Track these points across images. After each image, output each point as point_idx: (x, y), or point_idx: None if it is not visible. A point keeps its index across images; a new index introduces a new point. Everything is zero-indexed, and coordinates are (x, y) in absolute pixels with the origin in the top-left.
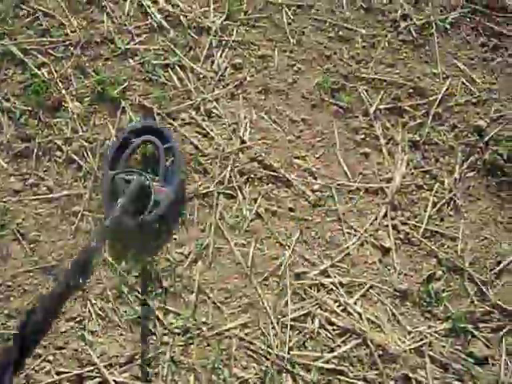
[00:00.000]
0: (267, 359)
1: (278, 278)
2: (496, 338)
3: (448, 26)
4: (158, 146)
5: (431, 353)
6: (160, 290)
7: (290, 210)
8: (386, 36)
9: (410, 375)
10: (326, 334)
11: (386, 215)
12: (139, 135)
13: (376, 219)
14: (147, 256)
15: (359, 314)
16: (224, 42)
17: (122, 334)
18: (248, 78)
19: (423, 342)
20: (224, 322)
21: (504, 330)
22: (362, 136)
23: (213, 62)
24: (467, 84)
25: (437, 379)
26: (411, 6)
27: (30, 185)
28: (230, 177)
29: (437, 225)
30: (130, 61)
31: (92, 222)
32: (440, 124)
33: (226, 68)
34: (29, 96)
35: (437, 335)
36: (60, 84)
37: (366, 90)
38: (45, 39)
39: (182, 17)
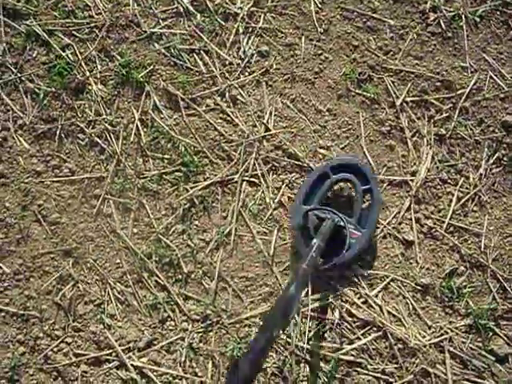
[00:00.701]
0: (286, 349)
1: None
2: None
3: (478, 19)
4: (356, 186)
5: (451, 348)
6: (180, 276)
7: None
8: (415, 27)
9: (430, 370)
10: (346, 326)
11: (409, 208)
12: (338, 171)
13: (399, 212)
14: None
15: (380, 307)
16: (251, 29)
17: (140, 319)
18: (274, 66)
19: (443, 337)
20: (244, 311)
21: None
22: (388, 128)
23: (239, 49)
24: (495, 79)
25: (456, 375)
26: None
27: (52, 166)
28: (254, 164)
29: (461, 220)
30: (156, 45)
31: (113, 205)
32: (467, 118)
33: (253, 55)
34: (53, 77)
35: (457, 331)
36: (84, 66)
37: (393, 82)
38: (69, 21)
39: (208, 2)
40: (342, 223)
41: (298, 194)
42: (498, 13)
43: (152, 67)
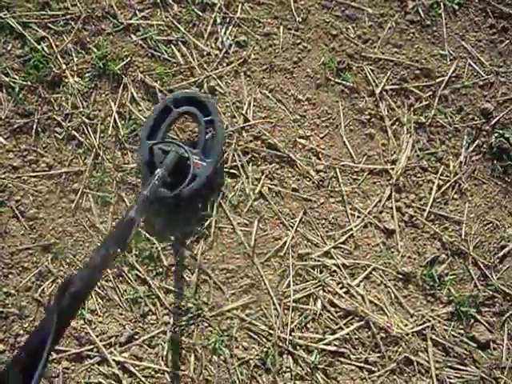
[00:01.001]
0: (268, 340)
1: (280, 259)
2: (498, 323)
3: (456, 7)
4: (198, 118)
5: (433, 336)
6: (161, 269)
7: (294, 190)
8: (394, 16)
9: (412, 358)
10: (328, 316)
11: (390, 197)
12: (181, 105)
13: (380, 201)
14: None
15: (362, 297)
16: (228, 19)
17: (121, 314)
18: (252, 56)
19: (426, 325)
20: (225, 303)
21: (506, 315)
22: (368, 117)
23: (217, 39)
24: (474, 66)
25: (438, 362)
26: None
27: (29, 161)
28: (233, 155)
29: (441, 208)
30: (133, 36)
31: (92, 199)
32: (446, 106)
33: (231, 45)
34: (28, 71)
35: (439, 319)
36: (60, 59)
37: (372, 70)
38: (44, 12)
39: None
40: (186, 154)
41: (142, 130)
42: (477, 0)
43: (129, 59)
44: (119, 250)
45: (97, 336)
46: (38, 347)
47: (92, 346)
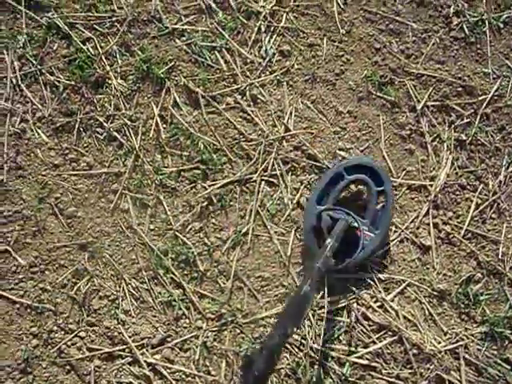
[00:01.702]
0: (300, 350)
1: None
2: None
3: (501, 25)
4: (370, 187)
5: (466, 355)
6: (196, 274)
7: None
8: (438, 32)
9: (444, 376)
10: (361, 329)
11: (427, 213)
12: (352, 172)
13: (417, 217)
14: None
15: (396, 312)
16: (273, 28)
17: (155, 316)
18: (295, 66)
19: (459, 343)
20: (259, 311)
21: None
22: (408, 132)
23: (260, 48)
24: None
25: (471, 382)
26: (465, 2)
27: (70, 160)
28: (273, 164)
29: (478, 227)
30: (177, 41)
31: (130, 201)
32: (488, 125)
33: (274, 54)
34: (73, 71)
35: (473, 338)
36: (104, 60)
37: (415, 86)
38: (91, 14)
39: None
40: (355, 224)
41: (312, 194)
42: None
43: (173, 63)
44: (296, 328)
45: (129, 337)
46: None
47: (124, 347)
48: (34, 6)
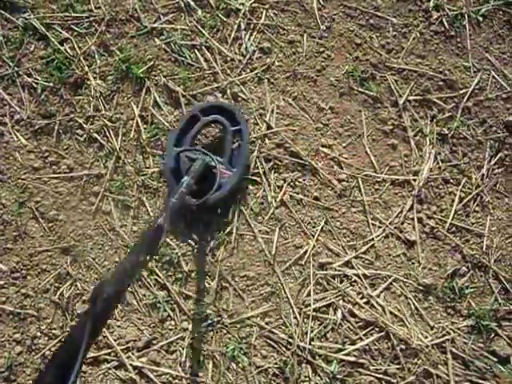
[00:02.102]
0: (288, 349)
1: (301, 268)
2: None
3: (481, 19)
4: (225, 127)
5: (453, 349)
6: (180, 275)
7: (315, 198)
8: (418, 26)
9: (432, 371)
10: (348, 326)
11: (411, 208)
12: (208, 114)
13: (402, 212)
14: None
15: (382, 307)
16: (252, 25)
17: (140, 318)
18: (276, 63)
19: (446, 337)
20: (245, 310)
21: None
22: (390, 127)
23: (240, 45)
24: (498, 79)
25: (458, 376)
26: None
27: (50, 163)
28: (256, 163)
29: (463, 220)
30: (156, 40)
31: (112, 202)
32: (469, 118)
33: (254, 51)
34: (51, 72)
35: (459, 332)
36: (83, 61)
37: (396, 81)
38: (68, 14)
39: None
40: (212, 163)
41: (169, 137)
42: (501, 12)
43: (152, 63)
44: (148, 257)
45: (115, 340)
46: (72, 351)
47: (110, 350)
48: (9, 6)
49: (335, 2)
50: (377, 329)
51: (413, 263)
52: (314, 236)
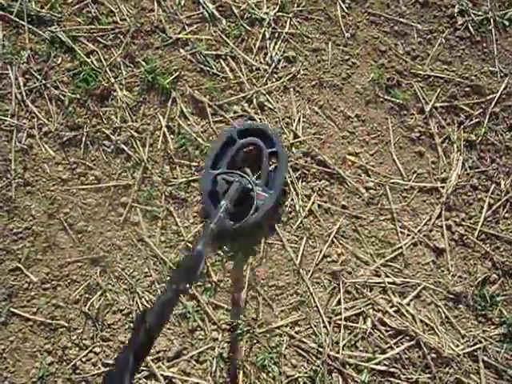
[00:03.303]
0: (318, 358)
1: (330, 276)
2: None
3: (507, 23)
4: (262, 150)
5: (485, 358)
6: (209, 285)
7: (343, 207)
8: (443, 32)
9: (464, 380)
10: (379, 335)
11: (440, 215)
12: (245, 136)
13: (430, 219)
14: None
15: (412, 316)
16: (277, 34)
17: (170, 328)
18: (301, 72)
19: (477, 346)
20: (274, 320)
21: None
22: (417, 134)
23: (266, 54)
24: None
25: None
26: (469, 1)
27: (78, 174)
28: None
29: (492, 227)
30: (181, 51)
31: (140, 213)
32: (497, 124)
33: (279, 60)
34: (77, 84)
35: (491, 340)
36: (109, 72)
37: (422, 88)
38: (94, 27)
39: (234, 7)
40: (249, 186)
41: (206, 160)
42: None
43: (178, 73)
44: (188, 285)
45: None
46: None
47: None
48: (36, 20)
49: (359, 9)
50: (407, 337)
51: (442, 271)
52: (342, 244)
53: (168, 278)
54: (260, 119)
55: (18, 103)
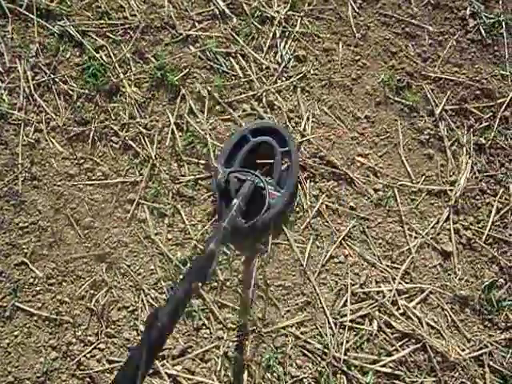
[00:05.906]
0: (323, 359)
1: (336, 278)
2: None
3: None
4: (275, 149)
5: (491, 363)
6: (216, 284)
7: (351, 208)
8: (454, 34)
9: None
10: (384, 338)
11: (448, 219)
12: (257, 135)
13: (438, 222)
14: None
15: (419, 319)
16: (287, 33)
17: (175, 326)
18: (311, 71)
19: (483, 351)
20: (280, 320)
21: None
22: (427, 136)
23: (276, 53)
24: None
25: None
26: (481, 3)
27: (85, 170)
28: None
29: (500, 231)
30: (191, 47)
31: (147, 210)
32: (507, 128)
33: (290, 59)
34: (86, 79)
35: (497, 345)
36: (118, 68)
37: (432, 90)
38: (103, 22)
39: (245, 5)
40: (261, 184)
41: (219, 158)
42: None
43: (187, 70)
44: (200, 284)
45: None
46: (128, 381)
47: None
48: (45, 14)
49: (370, 9)
50: (413, 340)
51: (449, 274)
52: (349, 246)
53: (180, 276)
54: (269, 118)
55: (25, 97)
